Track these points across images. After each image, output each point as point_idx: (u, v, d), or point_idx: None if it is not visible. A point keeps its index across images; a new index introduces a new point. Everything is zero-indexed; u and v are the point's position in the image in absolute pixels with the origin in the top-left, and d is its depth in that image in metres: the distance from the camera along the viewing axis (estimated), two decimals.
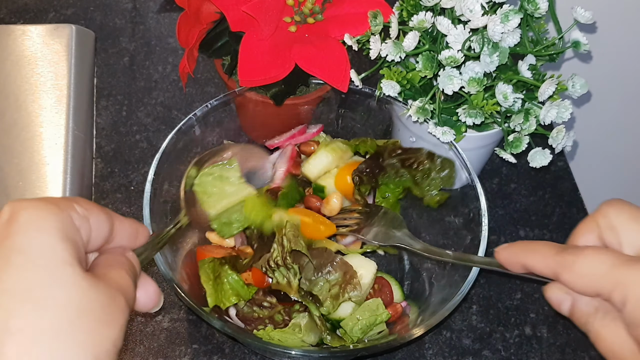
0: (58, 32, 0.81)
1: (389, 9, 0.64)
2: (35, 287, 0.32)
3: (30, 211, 0.34)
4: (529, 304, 0.69)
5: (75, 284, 0.33)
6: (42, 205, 0.35)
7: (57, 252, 0.33)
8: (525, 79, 0.59)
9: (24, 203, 0.34)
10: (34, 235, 0.33)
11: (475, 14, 0.57)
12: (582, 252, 0.38)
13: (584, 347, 0.66)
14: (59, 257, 0.33)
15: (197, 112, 0.64)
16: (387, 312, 0.58)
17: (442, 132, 0.62)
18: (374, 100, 0.67)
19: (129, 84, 0.83)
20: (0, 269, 0.32)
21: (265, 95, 0.66)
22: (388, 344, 0.53)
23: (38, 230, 0.33)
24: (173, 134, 0.62)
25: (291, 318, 0.58)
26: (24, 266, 0.32)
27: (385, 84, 0.62)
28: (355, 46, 0.63)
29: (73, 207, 0.36)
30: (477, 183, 0.60)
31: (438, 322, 0.54)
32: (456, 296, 0.54)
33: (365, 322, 0.58)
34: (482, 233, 0.58)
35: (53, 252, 0.33)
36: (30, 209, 0.34)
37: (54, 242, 0.33)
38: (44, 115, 0.74)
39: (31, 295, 0.32)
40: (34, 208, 0.34)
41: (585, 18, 0.58)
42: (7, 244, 0.33)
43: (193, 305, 0.52)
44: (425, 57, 0.60)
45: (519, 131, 0.61)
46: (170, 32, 0.89)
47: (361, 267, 0.60)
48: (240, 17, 0.62)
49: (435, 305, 0.57)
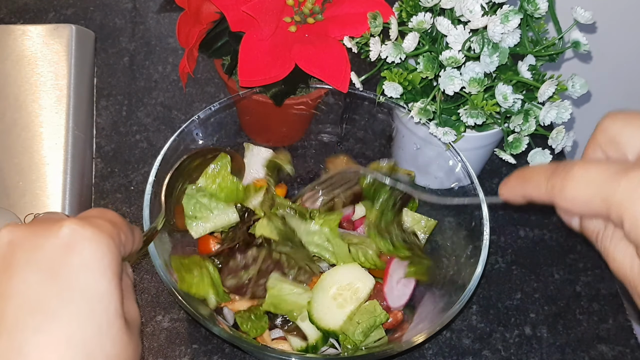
0: (58, 32, 0.81)
1: (389, 9, 0.64)
2: (89, 339, 0.33)
3: (93, 246, 0.34)
4: (529, 304, 0.69)
5: (121, 339, 0.34)
6: (103, 240, 0.35)
7: (113, 302, 0.34)
8: (525, 79, 0.59)
9: (85, 232, 0.34)
10: (96, 278, 0.34)
11: (475, 14, 0.57)
12: (569, 175, 0.34)
13: (584, 347, 0.66)
14: (113, 308, 0.34)
15: (200, 115, 0.64)
16: (385, 313, 0.58)
17: (443, 133, 0.62)
18: (376, 105, 0.67)
19: (129, 84, 0.83)
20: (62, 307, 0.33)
21: (266, 96, 0.66)
22: (385, 352, 0.53)
23: (100, 273, 0.34)
24: (175, 136, 0.62)
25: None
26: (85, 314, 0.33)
27: (387, 85, 0.62)
28: (355, 49, 0.63)
29: (121, 238, 0.37)
30: (478, 186, 0.61)
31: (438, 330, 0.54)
32: (457, 304, 0.54)
33: (365, 325, 0.58)
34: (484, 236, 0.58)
35: (110, 301, 0.34)
36: (93, 244, 0.34)
37: (112, 290, 0.34)
38: (44, 115, 0.74)
39: (85, 347, 0.33)
40: (96, 243, 0.34)
41: (585, 18, 0.58)
42: (69, 280, 0.33)
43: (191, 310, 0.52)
44: (427, 58, 0.60)
45: (519, 132, 0.61)
46: (170, 32, 0.89)
47: (359, 280, 0.59)
48: (240, 17, 0.62)
49: (435, 312, 0.57)
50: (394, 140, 0.70)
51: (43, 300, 0.32)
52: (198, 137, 0.65)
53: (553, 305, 0.69)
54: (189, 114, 0.80)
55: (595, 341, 0.67)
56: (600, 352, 0.66)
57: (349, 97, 0.67)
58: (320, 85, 0.67)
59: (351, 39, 0.63)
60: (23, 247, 0.34)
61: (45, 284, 0.33)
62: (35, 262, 0.33)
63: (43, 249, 0.34)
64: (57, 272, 0.33)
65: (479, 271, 0.56)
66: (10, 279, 0.33)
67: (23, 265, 0.33)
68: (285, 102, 0.66)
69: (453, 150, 0.63)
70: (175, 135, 0.62)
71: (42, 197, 0.67)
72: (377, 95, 0.65)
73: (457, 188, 0.64)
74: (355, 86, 0.64)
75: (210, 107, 0.64)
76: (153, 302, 0.66)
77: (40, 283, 0.33)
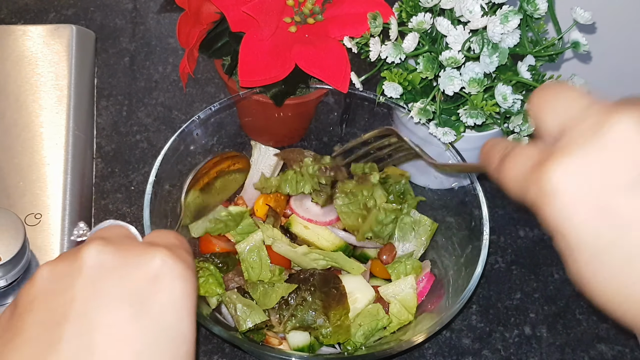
0: (58, 32, 0.81)
1: (388, 10, 0.64)
2: None
3: (182, 285, 0.34)
4: (528, 304, 0.69)
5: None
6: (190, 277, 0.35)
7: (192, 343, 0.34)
8: (525, 80, 0.59)
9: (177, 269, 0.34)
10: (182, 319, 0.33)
11: (475, 15, 0.57)
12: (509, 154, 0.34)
13: (584, 347, 0.66)
14: (192, 349, 0.34)
15: (200, 115, 0.64)
16: (387, 317, 0.59)
17: (443, 133, 0.62)
18: (376, 105, 0.67)
19: (129, 84, 0.83)
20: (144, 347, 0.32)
21: (266, 96, 0.66)
22: (385, 352, 0.53)
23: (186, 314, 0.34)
24: (175, 136, 0.62)
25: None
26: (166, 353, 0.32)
27: (388, 85, 0.62)
28: (355, 49, 0.63)
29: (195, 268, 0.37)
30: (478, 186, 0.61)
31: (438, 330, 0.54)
32: (456, 304, 0.54)
33: (367, 328, 0.58)
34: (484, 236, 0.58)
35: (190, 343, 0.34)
36: (183, 283, 0.34)
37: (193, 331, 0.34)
38: (44, 115, 0.74)
39: None
40: (184, 281, 0.34)
41: (584, 18, 0.58)
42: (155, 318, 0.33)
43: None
44: (426, 59, 0.60)
45: (519, 132, 0.61)
46: (171, 32, 0.89)
47: (358, 290, 0.60)
48: (241, 18, 0.62)
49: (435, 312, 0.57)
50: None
51: (130, 339, 0.32)
52: (198, 137, 0.65)
53: (553, 305, 0.69)
54: (189, 114, 0.80)
55: (595, 341, 0.67)
56: (599, 351, 0.66)
57: (349, 98, 0.67)
58: (320, 85, 0.68)
59: (351, 39, 0.63)
60: (114, 275, 0.33)
61: (132, 322, 0.32)
62: (126, 295, 0.33)
63: (134, 280, 0.33)
64: (145, 310, 0.33)
65: (479, 271, 0.56)
66: (99, 307, 0.32)
67: (113, 294, 0.33)
68: (286, 102, 0.66)
69: (453, 150, 0.63)
70: (175, 135, 0.62)
71: (42, 197, 0.67)
72: (376, 96, 0.65)
73: (457, 188, 0.64)
74: (355, 86, 0.65)
75: (210, 107, 0.64)
76: None
77: (128, 319, 0.32)
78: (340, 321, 0.57)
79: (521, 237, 0.74)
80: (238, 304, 0.57)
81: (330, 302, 0.58)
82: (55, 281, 0.34)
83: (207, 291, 0.58)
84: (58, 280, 0.34)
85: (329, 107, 0.70)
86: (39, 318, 0.32)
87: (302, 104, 0.68)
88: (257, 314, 0.57)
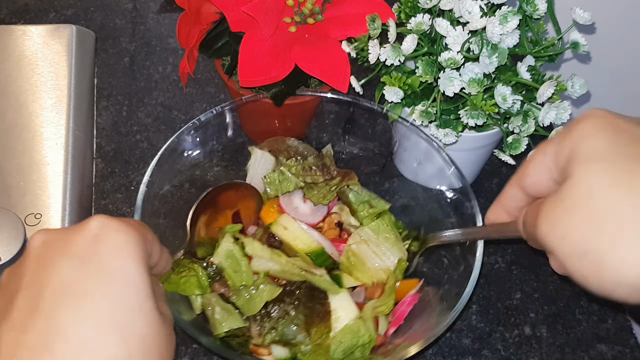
0: (58, 32, 0.81)
1: (388, 10, 0.64)
2: (124, 318, 0.34)
3: (119, 235, 0.36)
4: (528, 304, 0.69)
5: (153, 319, 0.35)
6: (129, 230, 0.37)
7: (142, 284, 0.35)
8: (525, 80, 0.59)
9: (112, 223, 0.36)
10: (124, 262, 0.35)
11: (474, 15, 0.57)
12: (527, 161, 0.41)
13: (584, 346, 0.66)
14: (143, 290, 0.35)
15: (201, 117, 0.64)
16: (369, 335, 0.57)
17: (444, 134, 0.62)
18: (381, 117, 0.66)
19: (129, 84, 0.83)
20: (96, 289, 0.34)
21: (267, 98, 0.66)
22: None
23: (127, 258, 0.36)
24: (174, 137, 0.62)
25: None
26: (118, 295, 0.34)
27: (388, 90, 0.61)
28: (354, 53, 0.63)
29: (147, 236, 0.39)
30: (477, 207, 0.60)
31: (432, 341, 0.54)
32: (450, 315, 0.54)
33: (346, 344, 0.56)
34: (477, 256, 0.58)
35: (140, 284, 0.35)
36: (120, 233, 0.36)
37: (141, 273, 0.36)
38: (44, 115, 0.74)
39: (121, 325, 0.34)
40: (122, 232, 0.36)
41: (584, 19, 0.58)
42: (100, 265, 0.35)
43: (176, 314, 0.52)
44: (425, 62, 0.60)
45: (518, 133, 0.61)
46: (171, 32, 0.89)
47: (342, 309, 0.58)
48: (241, 18, 0.62)
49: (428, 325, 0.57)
50: (395, 154, 0.69)
51: (76, 284, 0.34)
52: (198, 138, 0.65)
53: (553, 305, 0.69)
54: (189, 114, 0.80)
55: (595, 341, 0.67)
56: (599, 351, 0.66)
57: (352, 107, 0.67)
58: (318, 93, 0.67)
59: (349, 43, 0.63)
60: (56, 243, 0.36)
61: (77, 271, 0.34)
62: (68, 253, 0.35)
63: (74, 242, 0.36)
64: (88, 260, 0.35)
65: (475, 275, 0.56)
66: (46, 270, 0.35)
67: (57, 257, 0.35)
68: (286, 102, 0.66)
69: (455, 170, 0.62)
70: (174, 137, 0.62)
71: (42, 197, 0.68)
72: (381, 107, 0.65)
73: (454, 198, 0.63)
74: (356, 90, 0.64)
75: (212, 110, 0.64)
76: None
77: (73, 270, 0.34)
78: (321, 339, 0.56)
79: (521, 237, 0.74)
80: (217, 307, 0.57)
81: (313, 319, 0.57)
82: (11, 274, 0.37)
83: (184, 289, 0.57)
84: (14, 271, 0.37)
85: (329, 107, 0.70)
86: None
87: (302, 104, 0.68)
88: (235, 319, 0.57)
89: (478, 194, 0.66)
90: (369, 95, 0.68)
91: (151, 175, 0.59)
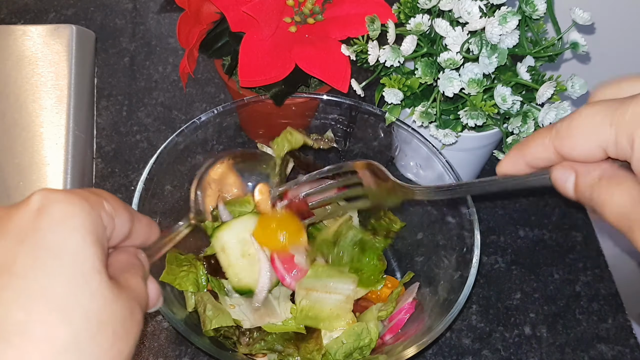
0: (58, 32, 0.81)
1: (388, 10, 0.64)
2: (63, 294, 0.31)
3: (63, 206, 0.32)
4: (528, 304, 0.69)
5: (102, 294, 0.32)
6: (75, 200, 0.33)
7: (89, 257, 0.32)
8: (524, 81, 0.59)
9: (56, 195, 0.33)
10: (66, 235, 0.32)
11: (473, 16, 0.57)
12: (574, 114, 0.34)
13: (584, 346, 0.66)
14: (89, 263, 0.32)
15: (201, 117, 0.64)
16: (370, 339, 0.57)
17: (444, 135, 0.62)
18: (381, 121, 0.66)
19: (129, 84, 0.83)
20: (29, 266, 0.31)
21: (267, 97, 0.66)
22: None
23: (71, 230, 0.32)
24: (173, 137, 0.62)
25: None
26: (55, 270, 0.31)
27: (388, 92, 0.61)
28: (353, 56, 0.63)
29: (102, 204, 0.35)
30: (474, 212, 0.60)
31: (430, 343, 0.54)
32: (447, 317, 0.54)
33: (349, 346, 0.57)
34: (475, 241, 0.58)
35: (85, 257, 0.32)
36: (63, 204, 0.32)
37: (86, 246, 0.32)
38: (44, 115, 0.74)
39: (59, 303, 0.31)
40: (67, 203, 0.33)
41: (583, 19, 0.58)
42: (38, 240, 0.31)
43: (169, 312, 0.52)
44: (424, 64, 0.60)
45: (518, 133, 0.61)
46: (171, 32, 0.89)
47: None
48: (241, 18, 0.62)
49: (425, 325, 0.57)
50: (396, 159, 0.69)
51: (8, 263, 0.31)
52: (197, 138, 0.65)
53: (553, 305, 0.69)
54: (189, 114, 0.80)
55: (595, 341, 0.67)
56: (599, 351, 0.66)
57: (354, 111, 0.67)
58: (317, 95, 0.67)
59: (349, 47, 0.63)
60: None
61: (12, 248, 0.31)
62: (4, 232, 0.32)
63: (13, 218, 0.32)
64: (25, 236, 0.32)
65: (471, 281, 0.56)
66: None
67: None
68: (286, 102, 0.66)
69: (453, 175, 0.62)
70: (173, 136, 0.62)
71: None
72: (382, 111, 0.65)
73: None
74: (357, 93, 0.64)
75: (212, 110, 0.64)
76: None
77: (8, 249, 0.31)
78: (310, 355, 0.56)
79: (521, 237, 0.74)
80: (208, 304, 0.57)
81: (304, 335, 0.57)
82: None
83: (179, 284, 0.57)
84: None
85: (330, 107, 0.70)
86: None
87: (302, 104, 0.68)
88: (225, 318, 0.56)
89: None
90: (369, 97, 0.68)
91: (149, 174, 0.59)
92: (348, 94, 0.65)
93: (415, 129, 0.64)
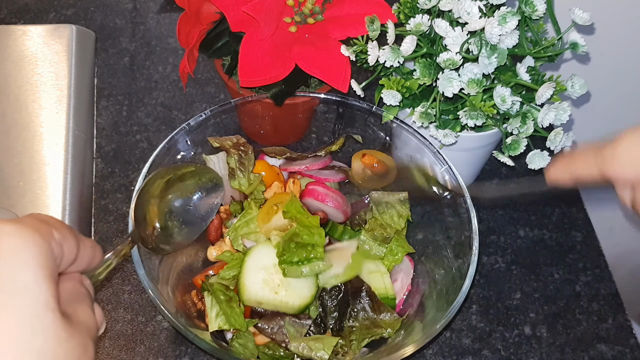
0: (58, 32, 0.81)
1: (388, 10, 0.64)
2: (17, 333, 0.30)
3: (14, 240, 0.31)
4: (528, 304, 0.69)
5: (55, 333, 0.31)
6: (26, 232, 0.32)
7: (41, 293, 0.31)
8: (524, 82, 0.59)
9: (6, 227, 0.32)
10: (17, 270, 0.31)
11: (473, 16, 0.57)
12: (618, 139, 0.39)
13: (584, 346, 0.66)
14: (42, 300, 0.31)
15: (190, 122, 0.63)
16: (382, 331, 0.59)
17: (443, 135, 0.62)
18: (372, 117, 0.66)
19: (129, 84, 0.83)
20: None
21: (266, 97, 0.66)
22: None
23: (23, 264, 0.31)
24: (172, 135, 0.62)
25: None
26: (7, 307, 0.30)
27: (386, 93, 0.61)
28: (353, 56, 0.63)
29: (52, 234, 0.34)
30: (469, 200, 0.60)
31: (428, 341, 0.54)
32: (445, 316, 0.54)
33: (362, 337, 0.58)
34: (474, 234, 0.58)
35: (37, 293, 0.31)
36: (14, 237, 0.31)
37: (39, 282, 0.31)
38: (44, 115, 0.74)
39: (12, 342, 0.30)
40: (17, 236, 0.32)
41: (583, 20, 0.58)
42: None
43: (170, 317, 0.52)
44: (423, 65, 0.60)
45: (517, 134, 0.61)
46: (171, 32, 0.89)
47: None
48: (241, 18, 0.62)
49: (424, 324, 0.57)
50: (389, 152, 0.69)
51: None
52: (197, 137, 0.65)
53: (553, 305, 0.69)
54: (189, 114, 0.80)
55: (595, 341, 0.67)
56: (599, 351, 0.66)
57: (342, 107, 0.67)
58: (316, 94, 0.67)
59: (348, 47, 0.63)
60: None
61: None
62: None
63: None
64: None
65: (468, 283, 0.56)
66: None
67: None
68: (285, 103, 0.66)
69: (447, 166, 0.62)
70: (171, 135, 0.62)
71: (42, 197, 0.68)
72: (370, 106, 0.65)
73: (449, 197, 0.63)
74: (357, 93, 0.64)
75: (203, 113, 0.64)
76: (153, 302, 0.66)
77: None
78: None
79: (521, 237, 0.74)
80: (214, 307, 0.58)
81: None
82: None
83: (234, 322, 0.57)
84: None
85: (330, 107, 0.70)
86: None
87: (302, 104, 0.68)
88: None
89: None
90: (369, 97, 0.68)
91: (148, 173, 0.59)
92: (348, 94, 0.65)
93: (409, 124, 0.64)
